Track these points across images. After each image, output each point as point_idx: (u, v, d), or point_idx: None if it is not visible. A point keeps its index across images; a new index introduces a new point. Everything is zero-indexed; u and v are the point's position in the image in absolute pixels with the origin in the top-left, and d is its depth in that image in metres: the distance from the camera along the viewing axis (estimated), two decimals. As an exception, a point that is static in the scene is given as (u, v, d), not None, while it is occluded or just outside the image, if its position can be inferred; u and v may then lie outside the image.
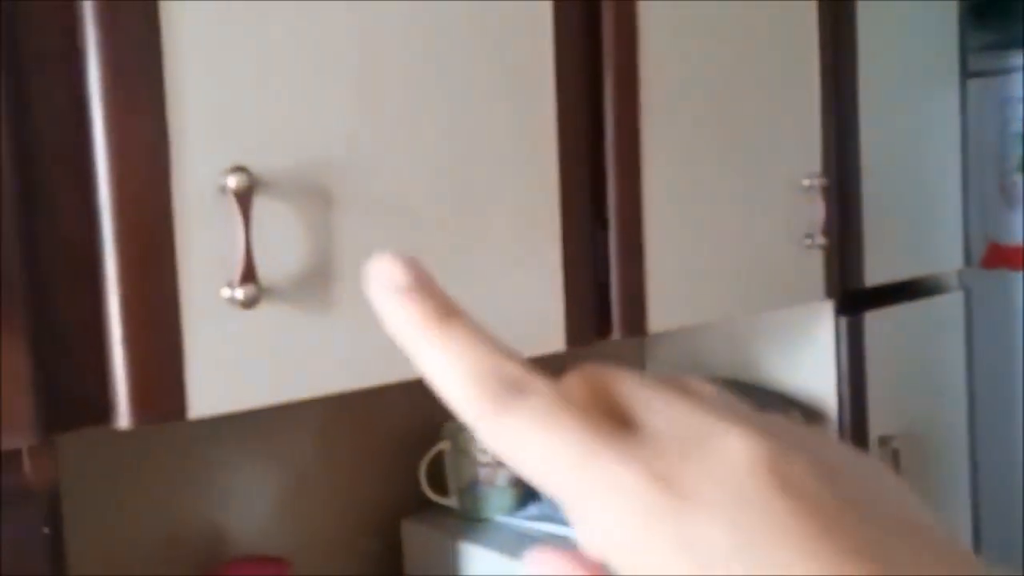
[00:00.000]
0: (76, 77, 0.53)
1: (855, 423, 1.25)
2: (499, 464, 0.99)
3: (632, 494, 0.19)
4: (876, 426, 1.28)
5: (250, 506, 0.94)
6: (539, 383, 0.21)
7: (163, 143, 0.54)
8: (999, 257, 1.83)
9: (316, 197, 0.61)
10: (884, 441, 1.28)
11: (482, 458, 0.99)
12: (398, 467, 1.05)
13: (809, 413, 1.26)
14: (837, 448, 0.21)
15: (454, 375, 0.21)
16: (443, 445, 1.01)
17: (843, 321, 1.24)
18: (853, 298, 1.27)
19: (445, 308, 0.22)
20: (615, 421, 0.20)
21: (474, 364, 0.21)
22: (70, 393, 0.53)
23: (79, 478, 0.75)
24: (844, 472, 0.20)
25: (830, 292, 1.19)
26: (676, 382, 0.23)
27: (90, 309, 0.54)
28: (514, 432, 0.20)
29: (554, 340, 0.81)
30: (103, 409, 0.54)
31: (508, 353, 0.22)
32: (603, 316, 0.88)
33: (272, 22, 0.60)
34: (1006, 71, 1.78)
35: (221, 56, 0.57)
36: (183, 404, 0.56)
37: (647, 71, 0.90)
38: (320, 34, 0.62)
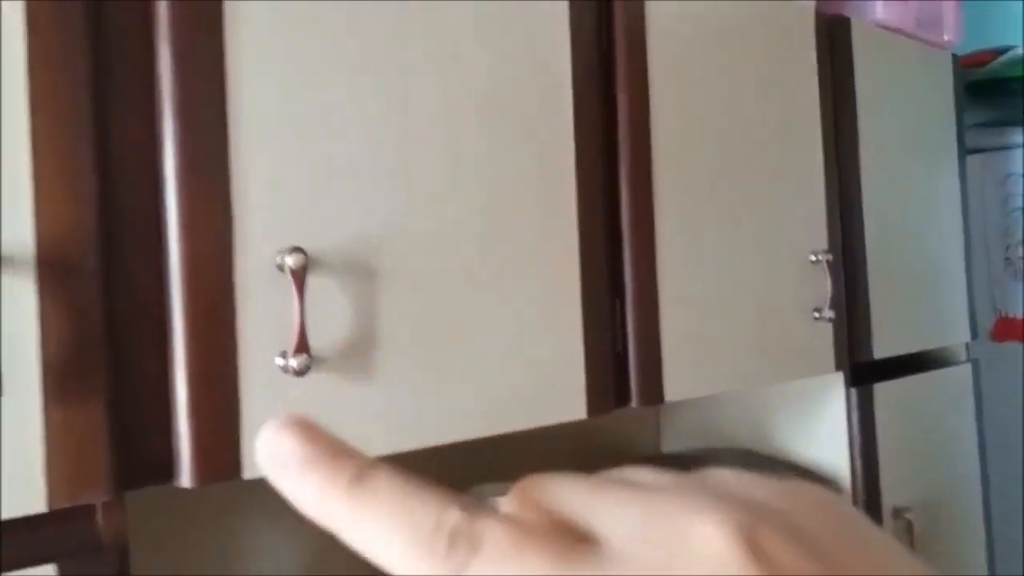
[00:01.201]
0: (155, 165, 0.59)
1: (868, 494, 1.27)
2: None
3: None
4: (890, 497, 1.30)
5: (287, 563, 0.97)
6: (487, 524, 0.19)
7: (227, 225, 0.60)
8: (1007, 329, 1.87)
9: (361, 273, 0.67)
10: (898, 513, 1.30)
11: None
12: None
13: (824, 484, 1.28)
14: (805, 502, 0.20)
15: (389, 541, 0.19)
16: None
17: (853, 392, 1.28)
18: (864, 370, 1.31)
19: (355, 467, 0.20)
20: (574, 539, 0.19)
21: (408, 523, 0.19)
22: (139, 452, 0.58)
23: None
24: (817, 532, 0.19)
25: (839, 364, 1.23)
26: (617, 476, 0.22)
27: (159, 375, 0.59)
28: None
29: (576, 409, 0.85)
30: (168, 468, 0.59)
31: (442, 498, 0.20)
32: (621, 385, 0.93)
33: (324, 118, 0.67)
34: (1006, 147, 1.85)
35: (280, 149, 0.64)
36: (239, 465, 0.61)
37: (659, 156, 0.97)
38: (363, 127, 0.69)
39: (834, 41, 1.27)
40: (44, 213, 0.54)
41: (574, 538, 0.19)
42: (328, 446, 0.20)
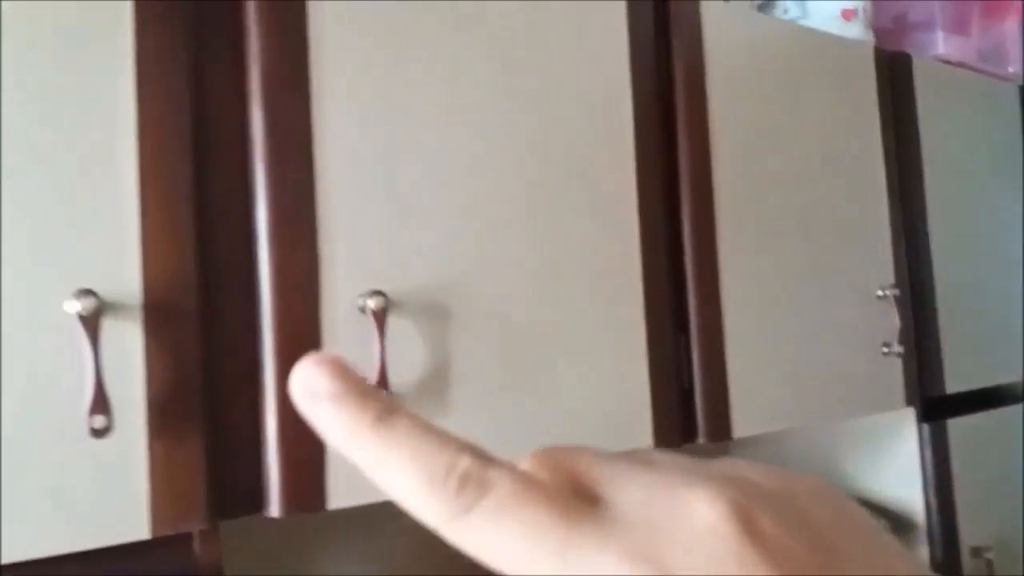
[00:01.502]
0: (248, 217, 0.64)
1: (945, 533, 1.25)
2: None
3: None
4: (968, 536, 1.27)
5: (358, 602, 1.00)
6: (498, 473, 0.20)
7: (314, 272, 0.65)
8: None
9: (436, 314, 0.71)
10: (977, 552, 1.27)
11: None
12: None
13: (898, 523, 1.26)
14: (810, 493, 0.21)
15: (405, 479, 0.20)
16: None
17: (926, 428, 1.26)
18: (936, 405, 1.29)
19: (380, 407, 0.21)
20: (582, 500, 0.20)
21: (424, 463, 0.20)
22: (232, 484, 0.62)
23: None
24: (818, 522, 0.20)
25: (910, 399, 1.22)
26: (638, 454, 0.22)
27: (251, 411, 0.63)
28: (481, 530, 0.19)
29: (643, 445, 0.87)
30: (258, 499, 0.63)
31: (460, 444, 0.20)
32: (688, 421, 0.94)
33: (401, 170, 0.71)
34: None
35: (362, 200, 0.68)
36: (324, 497, 0.64)
37: (722, 189, 0.99)
38: (436, 178, 0.73)
39: (895, 77, 1.28)
40: (150, 262, 0.58)
41: (582, 499, 0.20)
42: (357, 385, 0.21)
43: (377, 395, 0.21)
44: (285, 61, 0.65)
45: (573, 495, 0.20)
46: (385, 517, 1.03)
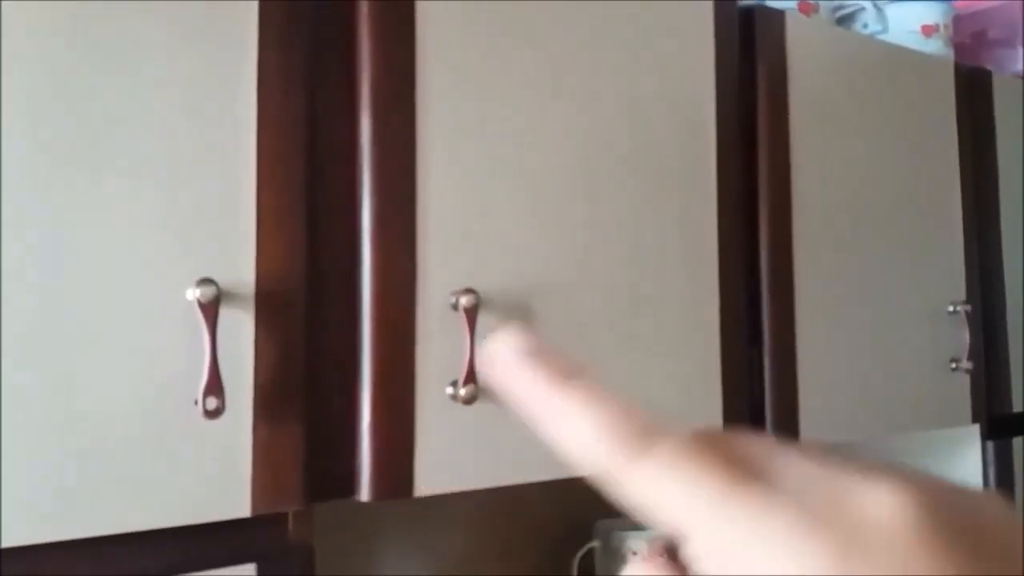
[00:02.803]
0: (353, 218, 0.67)
1: (1007, 551, 1.24)
2: (652, 564, 1.04)
3: (787, 544, 0.18)
4: (1029, 556, 1.26)
5: (424, 588, 1.03)
6: (675, 433, 0.20)
7: (412, 272, 0.68)
8: None
9: (522, 312, 0.73)
10: (1039, 572, 1.26)
11: (632, 558, 1.05)
12: (549, 564, 1.12)
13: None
14: (981, 496, 0.20)
15: (584, 429, 0.21)
16: (594, 543, 1.07)
17: (990, 446, 1.25)
18: (1003, 423, 1.28)
19: (568, 369, 0.22)
20: (749, 468, 0.20)
21: (603, 416, 0.21)
22: (326, 469, 0.65)
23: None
24: (995, 524, 0.19)
25: (976, 416, 1.21)
26: (800, 445, 0.22)
27: (348, 401, 0.66)
28: (651, 478, 0.20)
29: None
30: (350, 484, 0.66)
31: (635, 408, 0.21)
32: (758, 431, 0.95)
33: (491, 178, 0.74)
34: None
35: (455, 206, 0.71)
36: (411, 484, 0.67)
37: (799, 204, 1.00)
38: (525, 185, 0.76)
39: (974, 93, 1.27)
40: (264, 255, 0.62)
41: (748, 467, 0.20)
42: (551, 351, 0.22)
43: (567, 359, 0.22)
44: (393, 74, 0.69)
45: (740, 460, 0.20)
46: (428, 509, 1.06)
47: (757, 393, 0.95)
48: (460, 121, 0.72)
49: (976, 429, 1.26)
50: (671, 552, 0.22)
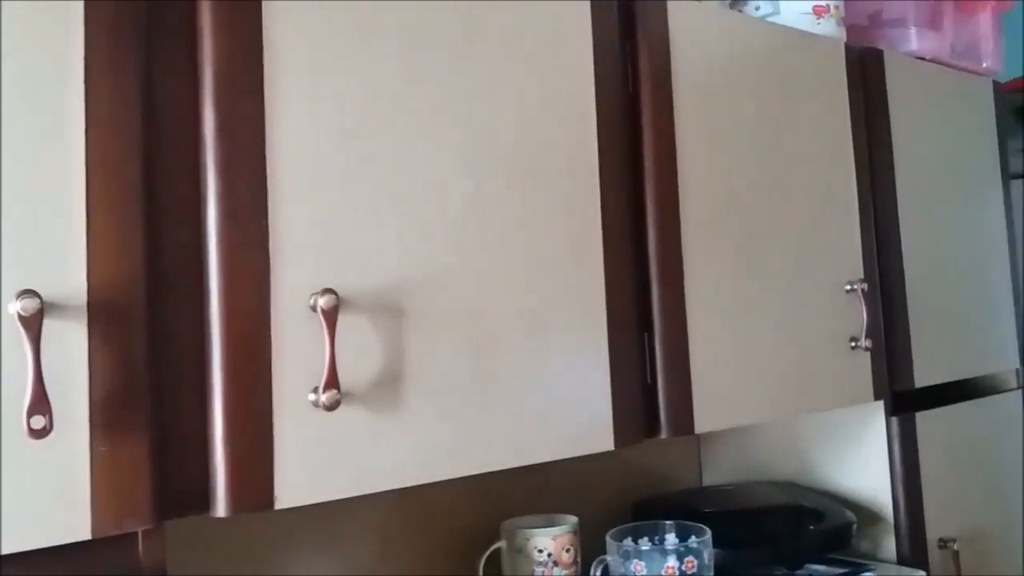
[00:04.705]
0: (198, 217, 0.64)
1: (911, 524, 1.26)
2: (554, 562, 1.03)
3: None
4: (934, 527, 1.28)
5: (323, 596, 1.00)
6: None
7: (265, 271, 0.65)
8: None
9: (391, 313, 0.71)
10: (944, 543, 1.28)
11: (538, 556, 1.03)
12: (456, 565, 1.10)
13: (867, 515, 1.27)
14: None
15: None
16: (500, 543, 1.05)
17: (895, 421, 1.27)
18: (906, 399, 1.29)
19: None
20: None
21: None
22: (178, 484, 0.62)
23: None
24: None
25: (879, 393, 1.23)
26: None
27: (198, 411, 0.63)
28: None
29: (604, 441, 0.87)
30: (204, 499, 0.63)
31: None
32: (651, 416, 0.94)
33: (356, 169, 0.71)
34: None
35: (314, 199, 0.68)
36: (271, 496, 0.64)
37: (688, 188, 0.99)
38: (392, 177, 0.73)
39: (867, 73, 1.28)
40: (96, 263, 0.58)
41: None
42: None
43: None
44: (238, 62, 0.65)
45: None
46: (339, 515, 1.04)
47: (649, 379, 0.94)
48: (317, 112, 0.69)
49: (880, 406, 1.27)
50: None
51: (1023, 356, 1.55)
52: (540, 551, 1.03)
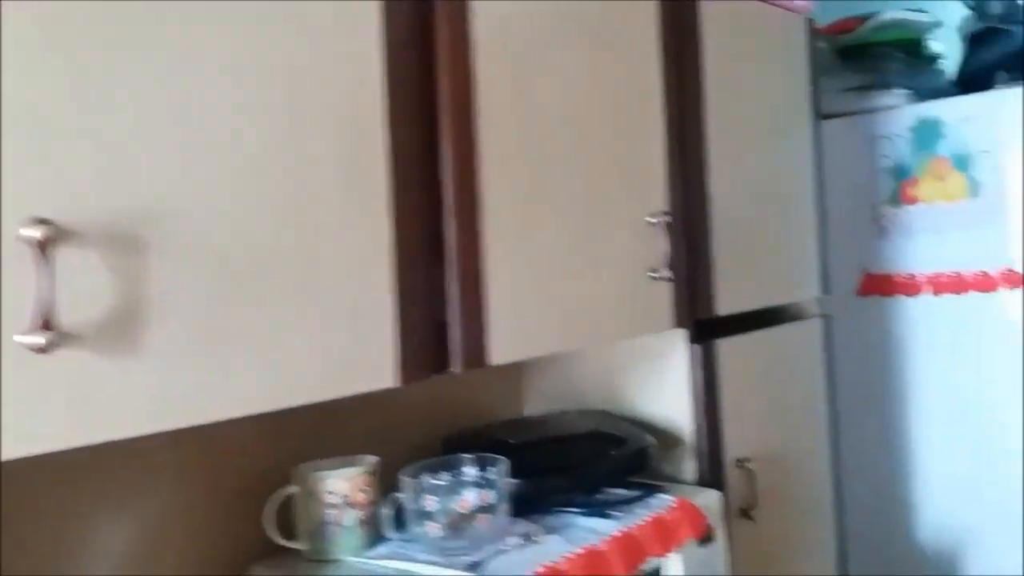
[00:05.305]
0: None
1: (711, 446, 1.32)
2: (347, 504, 1.01)
3: None
4: (732, 449, 1.35)
5: (102, 552, 0.95)
6: None
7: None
8: (872, 285, 1.94)
9: (128, 245, 0.65)
10: (740, 463, 1.36)
11: (330, 499, 1.00)
12: (249, 511, 1.05)
13: (668, 438, 1.32)
14: None
15: None
16: (292, 488, 1.01)
17: (696, 349, 1.31)
18: (708, 327, 1.34)
19: None
20: None
21: None
22: None
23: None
24: None
25: (680, 322, 1.26)
26: None
27: None
28: None
29: (384, 377, 0.85)
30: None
31: None
32: (440, 352, 0.93)
33: (85, 82, 0.63)
34: (875, 110, 1.90)
35: (23, 124, 0.61)
36: (-18, 446, 0.58)
37: (486, 117, 0.96)
38: (133, 91, 0.66)
39: (678, 7, 1.28)
40: None
41: None
42: None
43: None
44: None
45: None
46: (122, 468, 0.98)
47: (440, 313, 0.93)
48: (41, 23, 0.61)
49: (684, 334, 1.31)
50: None
51: (823, 285, 1.64)
52: (331, 493, 1.00)
